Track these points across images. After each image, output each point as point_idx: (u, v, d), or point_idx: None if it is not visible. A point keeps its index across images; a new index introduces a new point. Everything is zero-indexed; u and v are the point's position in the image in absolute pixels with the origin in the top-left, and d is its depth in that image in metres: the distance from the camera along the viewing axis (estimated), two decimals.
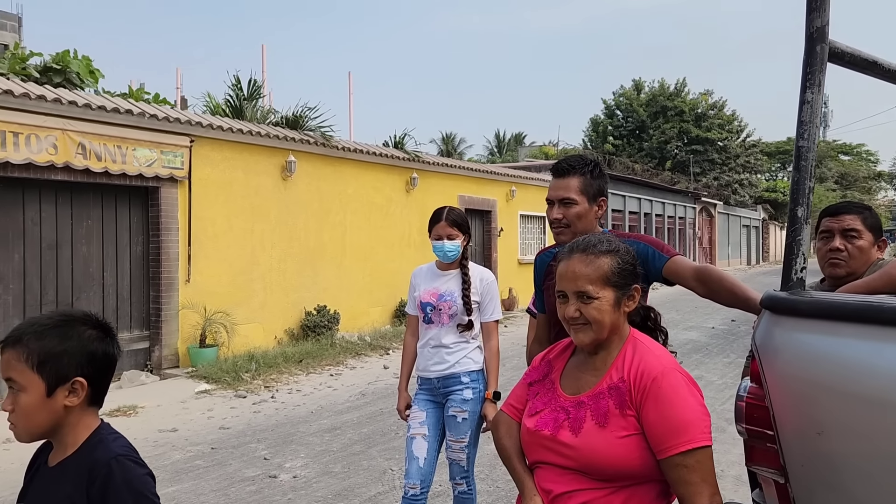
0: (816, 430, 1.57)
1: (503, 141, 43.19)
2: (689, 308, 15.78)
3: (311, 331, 10.30)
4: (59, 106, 7.31)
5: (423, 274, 3.49)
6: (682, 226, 31.02)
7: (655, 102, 39.44)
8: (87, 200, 8.00)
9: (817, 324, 1.64)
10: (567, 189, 2.42)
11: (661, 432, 1.61)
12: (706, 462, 1.59)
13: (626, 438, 1.64)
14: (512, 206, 16.48)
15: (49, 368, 1.45)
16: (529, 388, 1.91)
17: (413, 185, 12.84)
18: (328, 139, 10.92)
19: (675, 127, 38.53)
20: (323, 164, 10.98)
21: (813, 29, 1.82)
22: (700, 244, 33.47)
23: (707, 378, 8.18)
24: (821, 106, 1.84)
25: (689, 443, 1.58)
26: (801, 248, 1.79)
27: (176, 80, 16.85)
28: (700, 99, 39.81)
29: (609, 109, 41.43)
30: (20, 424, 1.46)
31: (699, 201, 32.85)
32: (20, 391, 1.44)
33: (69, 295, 7.80)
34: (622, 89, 41.22)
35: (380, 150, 12.25)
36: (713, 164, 38.88)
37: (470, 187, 14.81)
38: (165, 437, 5.96)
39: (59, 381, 1.47)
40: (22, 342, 1.45)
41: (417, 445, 3.26)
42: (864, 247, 2.51)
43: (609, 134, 40.12)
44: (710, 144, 38.75)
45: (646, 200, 26.71)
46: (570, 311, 1.75)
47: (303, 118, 10.88)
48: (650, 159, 37.95)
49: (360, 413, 6.80)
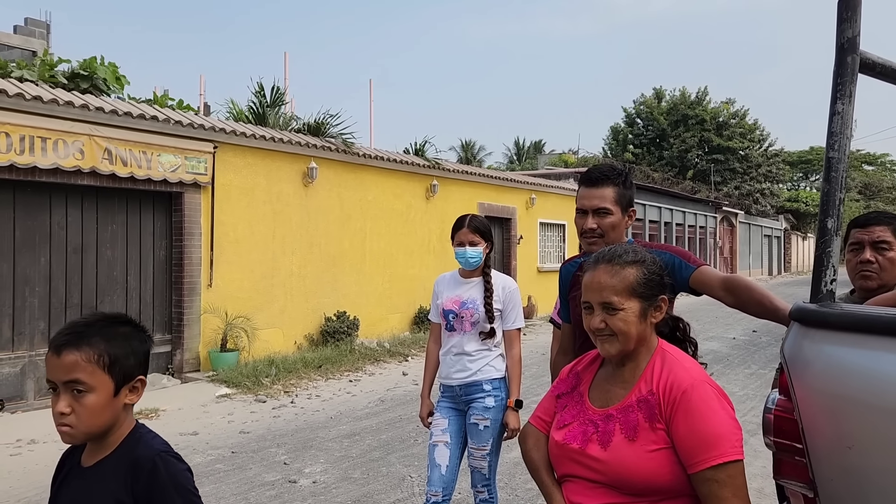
0: (847, 444, 1.56)
1: (522, 148, 43.18)
2: (710, 318, 15.64)
3: (330, 336, 10.35)
4: (87, 112, 7.43)
5: (446, 281, 3.51)
6: (702, 235, 30.77)
7: (676, 111, 39.20)
8: (112, 205, 8.11)
9: (847, 336, 1.62)
10: (602, 199, 2.40)
11: (692, 446, 1.59)
12: (738, 477, 1.57)
13: (656, 452, 1.62)
14: (532, 213, 16.46)
15: (118, 368, 1.49)
16: (557, 400, 1.90)
17: (433, 192, 12.88)
18: (349, 146, 10.99)
19: (696, 136, 38.26)
20: (344, 170, 11.05)
21: (844, 40, 1.81)
22: (721, 254, 33.16)
23: (728, 389, 8.10)
24: (851, 117, 1.82)
25: (720, 457, 1.56)
26: (832, 259, 1.77)
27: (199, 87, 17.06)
28: (721, 108, 39.50)
29: (629, 118, 41.25)
30: (82, 425, 1.46)
31: (720, 210, 32.58)
32: (87, 392, 1.45)
33: (93, 298, 7.91)
34: (643, 97, 41.03)
35: (400, 156, 12.30)
36: (734, 174, 38.53)
37: (490, 195, 14.82)
38: (186, 441, 6.01)
39: (126, 380, 1.52)
40: (90, 344, 1.47)
41: (440, 453, 3.27)
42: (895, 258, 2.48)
43: (629, 142, 39.92)
44: (732, 153, 38.40)
45: (666, 209, 26.54)
46: (596, 321, 1.74)
47: (324, 125, 10.96)
48: (671, 168, 37.70)
49: (379, 419, 6.81)
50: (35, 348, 7.35)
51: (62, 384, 1.45)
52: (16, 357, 7.19)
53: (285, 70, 15.50)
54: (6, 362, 7.12)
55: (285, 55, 15.77)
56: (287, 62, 15.69)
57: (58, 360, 1.45)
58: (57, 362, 1.45)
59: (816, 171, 53.69)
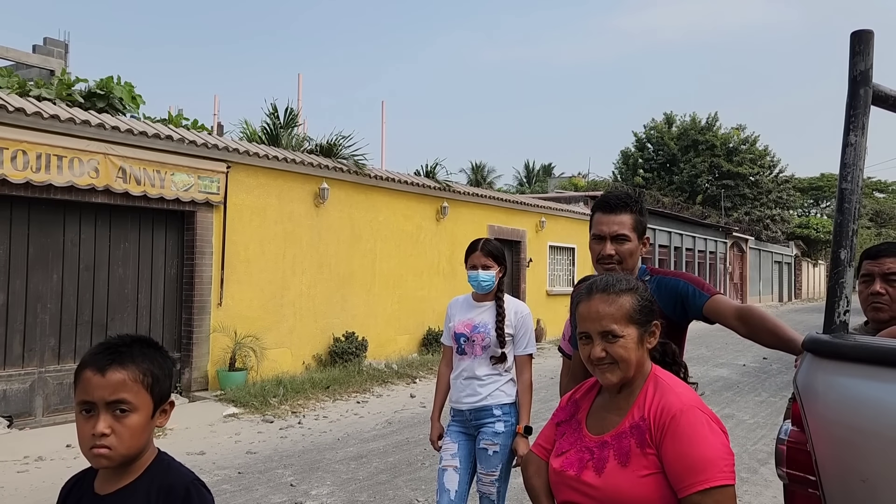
0: (861, 477, 1.55)
1: (532, 171, 43.27)
2: (720, 345, 15.53)
3: (338, 357, 10.34)
4: (102, 131, 7.52)
5: (459, 305, 3.51)
6: (712, 260, 30.65)
7: (687, 136, 39.29)
8: (124, 223, 8.18)
9: (861, 368, 1.62)
10: (622, 225, 2.41)
11: (680, 470, 1.59)
12: (726, 502, 1.56)
13: (647, 477, 1.62)
14: (541, 236, 16.47)
15: (157, 389, 1.50)
16: (557, 427, 1.93)
17: (443, 214, 12.92)
18: (361, 167, 11.07)
19: (706, 161, 38.29)
20: (355, 191, 11.12)
21: (856, 72, 1.82)
22: (731, 280, 33.00)
23: (738, 417, 8.02)
24: (864, 149, 1.83)
25: (708, 481, 1.55)
26: (845, 290, 1.77)
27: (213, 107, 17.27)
28: (732, 133, 39.57)
29: (640, 142, 41.36)
30: (122, 447, 1.43)
31: (730, 236, 32.47)
32: (130, 412, 1.44)
33: (104, 316, 7.95)
34: (653, 122, 41.17)
35: (411, 178, 12.37)
36: (745, 199, 38.48)
37: (500, 217, 14.85)
38: (193, 460, 6.00)
39: (162, 401, 1.52)
40: (135, 362, 1.47)
41: (449, 478, 3.25)
42: None
43: (640, 167, 39.98)
44: (742, 179, 38.40)
45: (676, 234, 26.49)
46: (597, 351, 1.75)
47: (337, 146, 11.04)
48: (681, 193, 37.70)
49: (387, 441, 6.78)
50: (45, 365, 7.38)
51: (105, 404, 1.42)
52: (25, 373, 7.22)
53: (299, 91, 15.68)
54: (16, 378, 7.15)
55: (299, 77, 15.96)
56: (301, 84, 15.88)
57: (102, 378, 1.43)
58: (101, 381, 1.43)
59: (827, 198, 53.54)
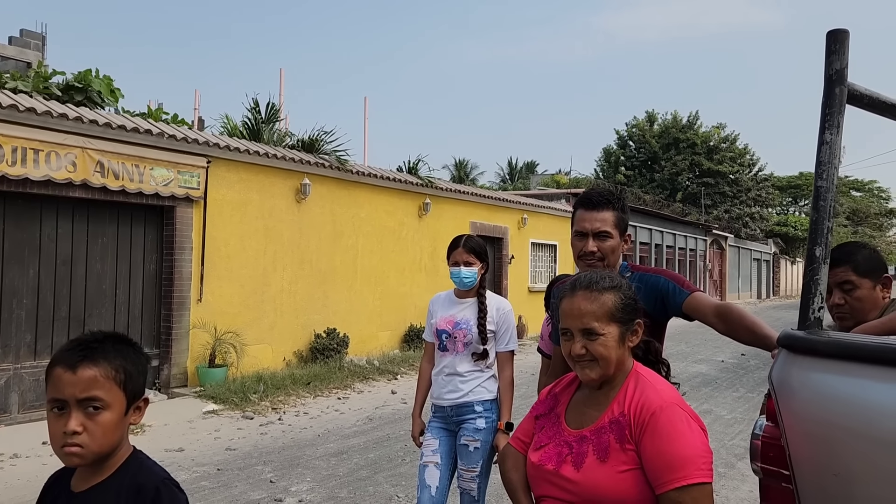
0: (833, 471, 1.57)
1: (515, 168, 43.40)
2: (699, 341, 15.68)
3: (319, 353, 10.31)
4: (80, 124, 7.42)
5: (441, 301, 3.52)
6: (692, 258, 30.92)
7: (668, 134, 39.60)
8: (102, 218, 8.09)
9: (835, 364, 1.64)
10: (604, 222, 2.41)
11: (658, 467, 1.60)
12: (703, 500, 1.57)
13: (625, 473, 1.63)
14: (523, 233, 16.51)
15: (130, 386, 1.48)
16: (536, 421, 1.93)
17: (426, 210, 12.91)
18: (343, 163, 11.02)
19: (687, 159, 38.62)
20: (337, 187, 11.07)
21: (832, 71, 1.85)
22: (711, 277, 33.31)
23: (716, 412, 8.11)
24: (839, 147, 1.86)
25: (685, 479, 1.56)
26: (819, 287, 1.79)
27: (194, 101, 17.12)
28: (712, 132, 39.94)
29: (622, 140, 41.63)
30: (94, 445, 1.41)
31: (710, 234, 32.77)
32: (103, 409, 1.42)
33: (81, 311, 7.85)
34: (635, 120, 41.45)
35: (393, 174, 12.34)
36: (724, 197, 38.87)
37: (482, 214, 14.86)
38: (172, 457, 5.95)
39: (135, 398, 1.50)
40: (107, 359, 1.45)
41: (430, 473, 3.25)
42: (863, 295, 2.44)
43: (621, 164, 40.25)
44: (722, 177, 38.78)
45: (657, 231, 26.68)
46: (577, 348, 1.76)
47: (318, 142, 10.99)
48: (661, 190, 37.99)
49: (367, 438, 6.77)
50: (20, 361, 7.28)
51: (77, 401, 1.40)
52: (1, 370, 7.12)
53: (280, 86, 15.63)
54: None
55: (281, 72, 15.88)
56: (283, 78, 15.79)
57: (73, 376, 1.41)
58: (72, 378, 1.41)
59: (805, 196, 54.19)
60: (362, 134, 18.50)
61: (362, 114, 15.71)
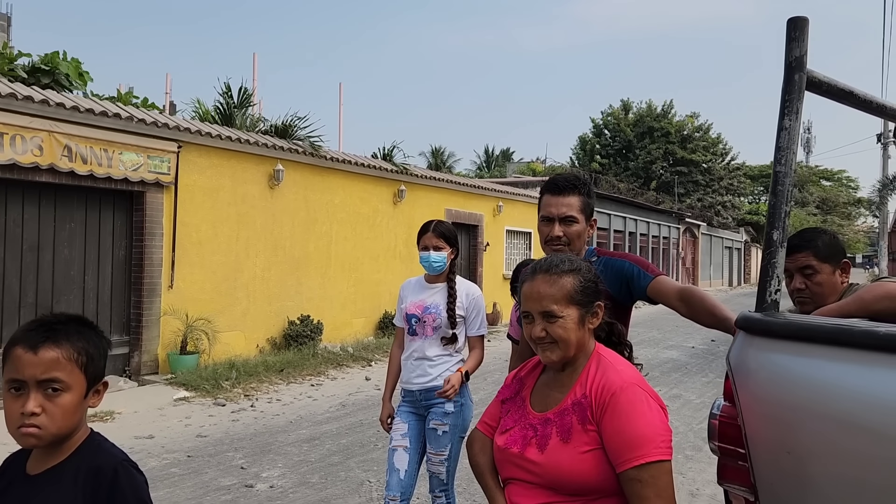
0: (786, 449, 1.61)
1: (492, 156, 43.41)
2: (671, 327, 15.88)
3: (293, 340, 10.27)
4: (46, 107, 7.28)
5: (412, 286, 3.53)
6: (665, 246, 31.25)
7: (642, 123, 39.88)
8: (70, 203, 7.95)
9: (790, 345, 1.68)
10: (570, 207, 2.43)
11: (618, 446, 1.63)
12: (662, 477, 1.60)
13: (587, 453, 1.66)
14: (498, 221, 16.55)
15: (91, 368, 1.47)
16: (502, 405, 1.95)
17: (400, 197, 12.88)
18: (317, 149, 10.94)
19: (661, 148, 38.96)
20: (311, 173, 10.99)
21: (792, 58, 1.88)
22: (683, 264, 33.71)
23: (685, 397, 8.23)
24: (798, 133, 1.89)
25: (644, 457, 1.59)
26: (777, 270, 1.83)
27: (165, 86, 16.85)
28: (686, 121, 40.31)
29: (597, 128, 41.83)
30: (53, 427, 1.40)
31: (683, 222, 33.14)
32: (63, 391, 1.41)
33: (49, 298, 7.73)
34: (611, 109, 41.65)
35: (368, 161, 12.28)
36: (697, 186, 39.32)
37: (457, 201, 14.87)
38: (142, 444, 5.91)
39: (95, 381, 1.49)
40: (69, 341, 1.44)
41: (398, 457, 3.27)
42: (824, 280, 2.49)
43: (596, 153, 40.47)
44: (695, 166, 39.20)
45: (630, 220, 26.91)
46: (537, 330, 1.78)
47: (292, 127, 10.89)
48: (636, 179, 38.30)
49: (340, 424, 6.78)
50: None
51: (36, 382, 1.39)
52: None
53: (254, 71, 15.42)
54: None
55: (254, 56, 15.69)
56: (256, 63, 15.60)
57: (34, 356, 1.40)
58: (33, 359, 1.40)
59: None
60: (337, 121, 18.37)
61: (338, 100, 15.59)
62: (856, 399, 1.49)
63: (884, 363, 1.47)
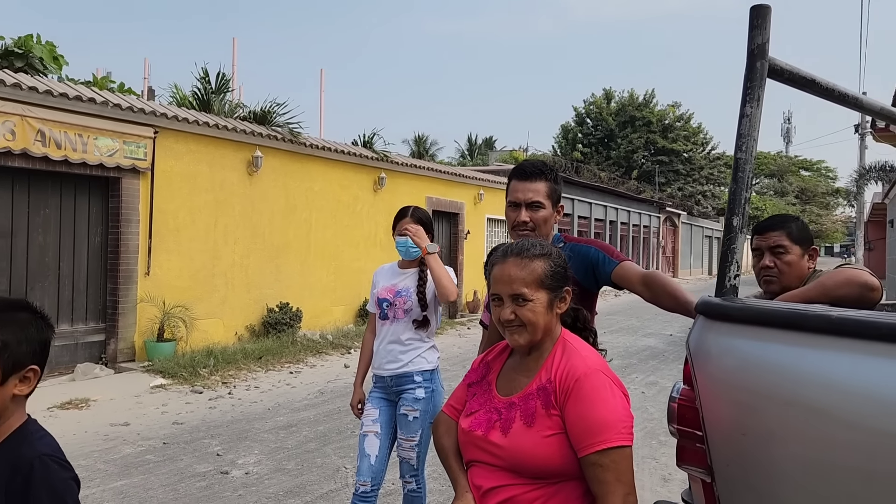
0: (741, 431, 1.64)
1: (475, 144, 43.31)
2: (650, 315, 16.01)
3: (272, 328, 10.24)
4: (19, 91, 7.16)
5: (385, 272, 3.54)
6: (646, 234, 31.45)
7: (624, 112, 39.99)
8: (44, 188, 7.85)
9: (747, 329, 1.70)
10: (536, 192, 2.44)
11: (580, 431, 1.65)
12: (622, 462, 1.62)
13: (550, 437, 1.67)
14: (479, 209, 16.56)
15: (7, 355, 1.42)
16: (468, 388, 1.96)
17: (381, 184, 12.84)
18: (296, 135, 10.87)
19: (643, 137, 39.12)
20: (290, 160, 10.93)
21: (754, 46, 1.89)
22: (663, 253, 33.95)
23: (661, 384, 8.32)
24: (759, 120, 1.91)
25: (605, 442, 1.61)
26: (735, 256, 1.86)
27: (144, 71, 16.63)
28: (667, 110, 40.47)
29: (580, 117, 41.88)
30: None
31: (664, 211, 33.35)
32: None
33: (23, 284, 7.64)
34: (593, 97, 41.70)
35: (348, 148, 12.22)
36: (678, 175, 39.56)
37: (438, 189, 14.85)
38: (117, 431, 5.88)
39: (15, 368, 1.43)
40: None
41: (369, 443, 3.28)
42: (793, 261, 2.54)
43: (578, 141, 40.54)
44: (676, 155, 39.42)
45: (611, 208, 27.04)
46: (506, 313, 1.78)
47: (271, 114, 10.80)
48: (617, 168, 38.45)
49: (318, 411, 6.78)
50: None
51: None
52: None
53: (233, 56, 15.29)
54: None
55: (233, 41, 15.55)
56: (236, 48, 15.44)
57: None
58: None
59: (757, 175, 55.41)
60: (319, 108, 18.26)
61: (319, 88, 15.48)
62: (808, 381, 1.52)
63: (836, 347, 1.49)
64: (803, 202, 52.42)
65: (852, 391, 1.43)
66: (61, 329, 7.95)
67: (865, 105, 2.33)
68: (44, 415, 6.33)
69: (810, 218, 47.89)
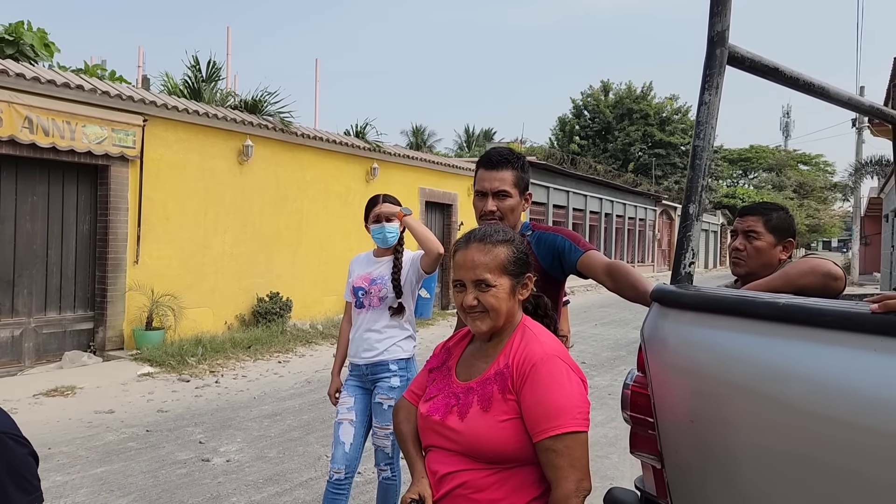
0: (690, 417, 1.64)
1: (472, 136, 43.23)
2: (643, 309, 15.97)
3: (262, 317, 10.24)
4: (6, 78, 7.13)
5: (360, 261, 3.54)
6: (642, 227, 31.46)
7: (622, 104, 39.94)
8: (32, 176, 7.82)
9: (698, 316, 1.70)
10: (503, 181, 2.44)
11: (535, 416, 1.64)
12: (576, 448, 1.62)
13: (505, 422, 1.67)
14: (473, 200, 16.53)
15: None
16: (429, 374, 1.96)
17: (373, 175, 12.81)
18: (287, 125, 10.83)
19: (640, 129, 39.09)
20: (281, 149, 10.90)
21: (714, 33, 1.88)
22: (659, 246, 33.98)
23: None
24: (718, 108, 1.90)
25: (559, 428, 1.61)
26: (691, 243, 1.86)
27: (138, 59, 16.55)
28: (665, 103, 40.42)
29: (577, 109, 41.82)
30: None
31: (660, 204, 33.35)
32: None
33: (11, 272, 7.63)
34: (591, 90, 41.63)
35: (340, 138, 12.19)
36: (675, 168, 39.54)
37: (431, 180, 14.82)
38: (101, 419, 5.88)
39: None
40: None
41: (344, 431, 3.29)
42: (762, 247, 2.53)
43: (576, 133, 40.50)
44: (673, 148, 39.39)
45: (607, 201, 27.03)
46: (469, 299, 1.78)
47: (262, 103, 10.76)
48: (614, 160, 38.42)
49: (303, 400, 6.79)
50: None
51: None
52: None
53: (227, 45, 15.18)
54: None
55: (228, 30, 15.43)
56: (230, 37, 15.36)
57: None
58: None
59: (755, 169, 55.40)
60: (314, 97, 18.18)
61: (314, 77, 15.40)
62: (756, 368, 1.52)
63: (783, 333, 1.50)
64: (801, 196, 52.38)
65: (799, 378, 1.43)
66: (49, 317, 7.94)
67: (832, 95, 2.32)
68: (29, 402, 6.34)
69: (808, 212, 47.89)
